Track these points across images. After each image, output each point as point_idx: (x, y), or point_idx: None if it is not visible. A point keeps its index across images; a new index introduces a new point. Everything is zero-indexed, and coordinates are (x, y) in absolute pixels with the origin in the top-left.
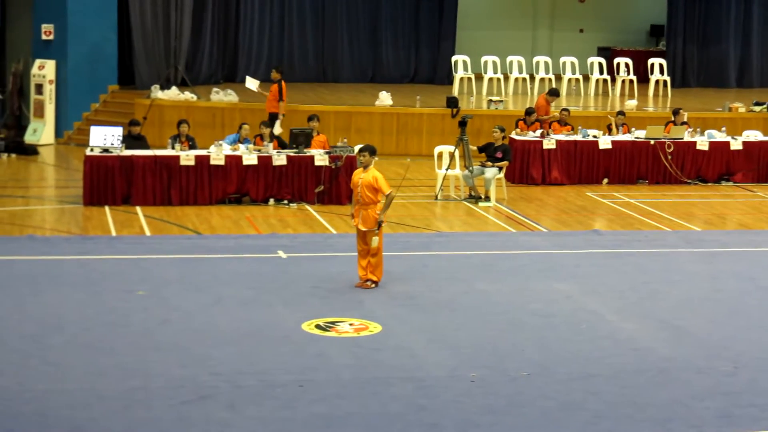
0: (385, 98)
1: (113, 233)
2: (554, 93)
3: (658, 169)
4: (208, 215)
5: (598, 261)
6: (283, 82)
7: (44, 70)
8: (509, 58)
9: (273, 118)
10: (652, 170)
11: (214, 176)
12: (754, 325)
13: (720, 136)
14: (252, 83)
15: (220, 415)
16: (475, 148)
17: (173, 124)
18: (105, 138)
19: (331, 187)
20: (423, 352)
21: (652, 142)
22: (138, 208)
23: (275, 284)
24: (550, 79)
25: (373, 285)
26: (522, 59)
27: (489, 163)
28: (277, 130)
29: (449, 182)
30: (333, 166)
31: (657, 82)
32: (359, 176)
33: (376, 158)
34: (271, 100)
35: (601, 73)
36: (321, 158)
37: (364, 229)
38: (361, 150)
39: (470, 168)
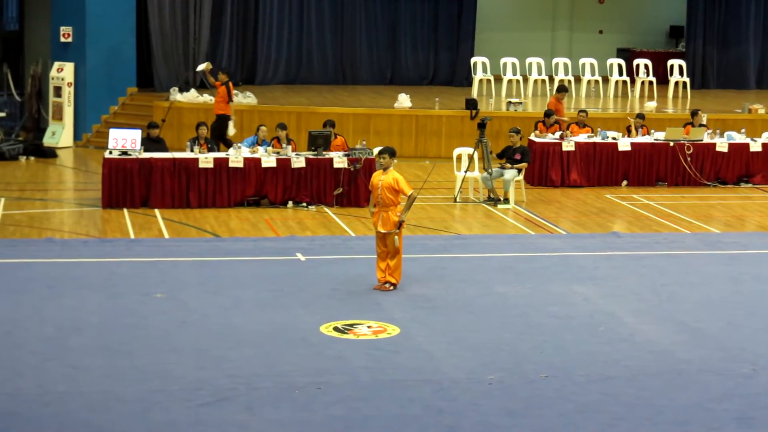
0: (403, 100)
1: (132, 236)
2: (562, 89)
3: (678, 171)
4: (226, 218)
5: (616, 263)
6: (230, 84)
7: (63, 72)
8: (528, 60)
9: (220, 120)
10: (672, 172)
11: (232, 179)
12: None
13: (739, 138)
14: (201, 66)
15: (238, 418)
16: (494, 154)
17: (192, 126)
18: (124, 140)
19: (350, 189)
20: (441, 355)
21: (671, 143)
22: (156, 211)
23: (294, 287)
24: (569, 81)
25: (392, 287)
26: (541, 61)
27: (509, 165)
28: (231, 131)
29: (468, 184)
30: (352, 169)
31: (676, 83)
32: (379, 178)
33: (396, 160)
34: (218, 102)
35: (621, 74)
36: (340, 161)
37: (384, 231)
38: (380, 152)
39: (489, 170)
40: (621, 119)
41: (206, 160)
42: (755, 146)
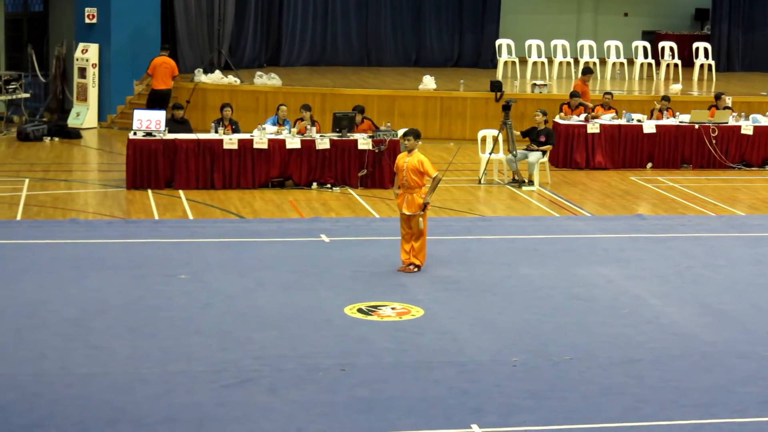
0: (428, 82)
1: (156, 217)
2: (587, 72)
3: (703, 154)
4: (251, 199)
5: (641, 245)
6: (155, 59)
7: (87, 53)
8: (553, 42)
9: (156, 95)
10: (696, 154)
11: (257, 160)
12: None
13: (764, 121)
14: None
15: (262, 399)
16: (518, 133)
17: (216, 107)
18: (148, 122)
19: (374, 171)
20: (465, 336)
21: (696, 126)
22: (181, 192)
23: (318, 268)
24: (594, 63)
25: (416, 269)
26: (566, 43)
27: (534, 147)
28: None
29: (493, 166)
30: (376, 150)
31: (702, 66)
32: (404, 160)
33: (420, 142)
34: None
35: (646, 57)
36: (364, 142)
37: (408, 213)
38: (405, 134)
39: (514, 152)
40: (646, 102)
41: (231, 141)
42: None
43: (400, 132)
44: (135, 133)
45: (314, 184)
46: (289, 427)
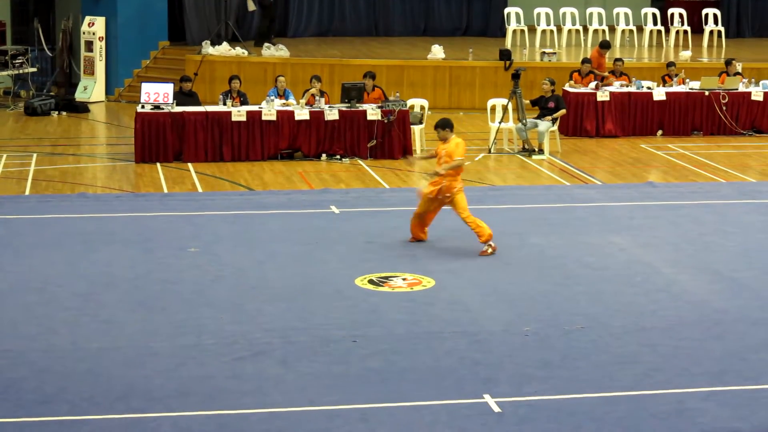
0: (437, 51)
1: (165, 190)
2: (606, 45)
3: (713, 120)
4: (260, 171)
5: (652, 213)
6: None
7: (94, 27)
8: (562, 10)
9: None
10: (707, 121)
11: (266, 132)
12: None
13: None
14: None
15: (274, 371)
16: (528, 101)
17: (224, 80)
18: (156, 95)
19: (384, 141)
20: (477, 307)
21: (706, 93)
22: (190, 165)
23: (328, 239)
24: (603, 31)
25: (489, 249)
26: (575, 11)
27: (548, 118)
28: (251, 6)
29: (502, 135)
30: (385, 121)
31: (711, 32)
32: (442, 148)
33: (450, 130)
34: None
35: (655, 24)
36: (373, 113)
37: (441, 196)
38: (435, 127)
39: (523, 121)
40: (656, 69)
41: (239, 113)
42: None
43: (410, 102)
44: (143, 107)
45: (323, 156)
46: (301, 399)
